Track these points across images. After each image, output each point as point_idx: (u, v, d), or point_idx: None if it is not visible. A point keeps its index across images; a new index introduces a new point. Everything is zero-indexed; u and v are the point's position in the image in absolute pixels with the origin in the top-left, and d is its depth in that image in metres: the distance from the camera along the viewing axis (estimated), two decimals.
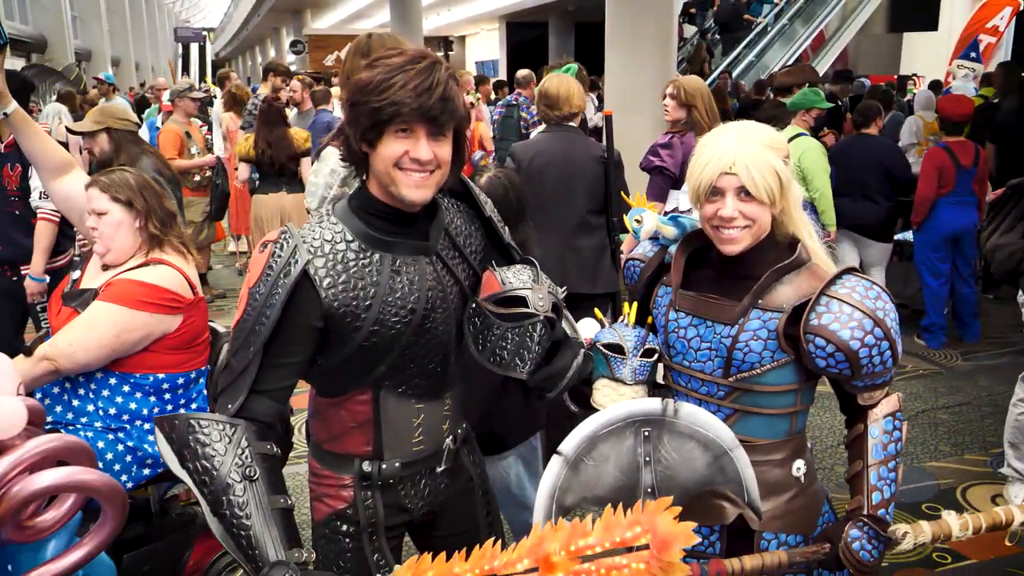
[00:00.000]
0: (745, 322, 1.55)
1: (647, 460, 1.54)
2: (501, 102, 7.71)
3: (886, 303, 1.51)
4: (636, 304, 1.72)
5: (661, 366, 1.70)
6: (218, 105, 8.14)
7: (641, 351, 1.63)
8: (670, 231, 1.72)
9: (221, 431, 1.38)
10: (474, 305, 1.55)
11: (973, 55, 10.15)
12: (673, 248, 1.71)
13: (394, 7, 15.43)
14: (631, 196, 1.96)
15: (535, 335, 1.52)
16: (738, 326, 1.55)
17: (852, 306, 1.49)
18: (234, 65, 46.56)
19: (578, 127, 3.69)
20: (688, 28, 14.53)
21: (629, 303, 1.73)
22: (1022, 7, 11.82)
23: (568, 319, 1.72)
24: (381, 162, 1.42)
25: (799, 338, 1.51)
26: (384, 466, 1.58)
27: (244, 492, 1.34)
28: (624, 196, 2.85)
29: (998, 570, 2.97)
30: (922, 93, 8.05)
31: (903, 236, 5.84)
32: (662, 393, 1.69)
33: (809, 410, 1.67)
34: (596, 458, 1.53)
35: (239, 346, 1.43)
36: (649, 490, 1.54)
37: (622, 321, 1.70)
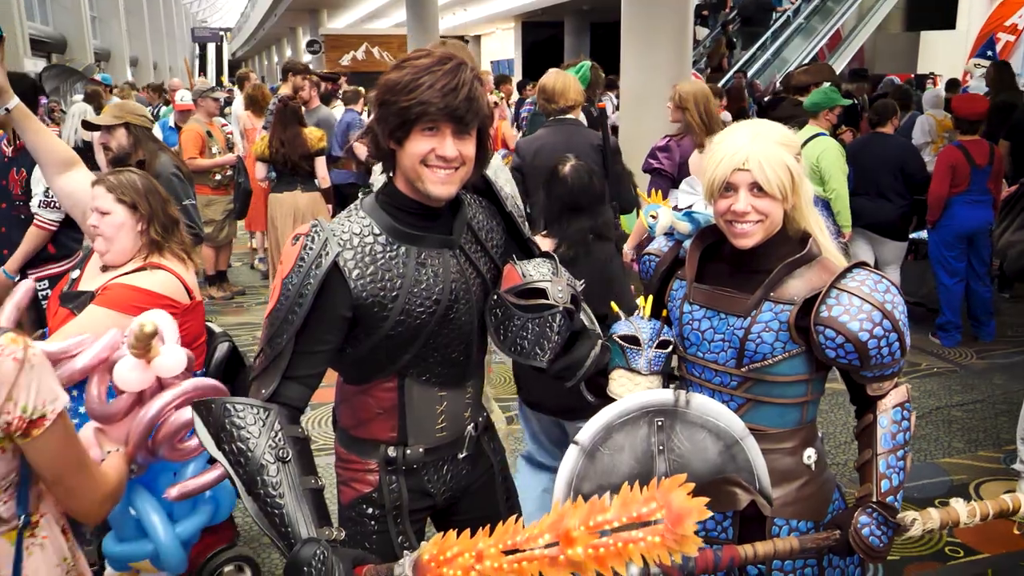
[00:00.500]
0: (757, 314, 1.60)
1: (661, 449, 1.59)
2: (529, 99, 7.84)
3: (895, 296, 1.56)
4: (652, 297, 1.77)
5: (676, 357, 1.75)
6: (237, 104, 8.24)
7: (656, 343, 1.69)
8: (684, 227, 1.78)
9: (255, 415, 1.44)
10: (495, 297, 1.61)
11: (990, 53, 10.09)
12: (688, 243, 1.77)
13: (410, 7, 15.46)
14: (639, 191, 2.02)
15: (555, 325, 1.58)
16: (750, 318, 1.60)
17: (861, 299, 1.53)
18: (251, 64, 46.82)
19: (578, 120, 3.79)
20: (700, 31, 14.49)
21: (644, 297, 1.78)
22: None
23: (586, 311, 1.78)
24: (408, 159, 1.48)
25: (810, 329, 1.56)
26: (408, 451, 1.64)
27: (277, 473, 1.40)
28: (639, 193, 2.93)
29: (1010, 564, 3.00)
30: (930, 91, 8.04)
31: (918, 235, 5.83)
32: (676, 383, 1.74)
33: (822, 406, 1.71)
34: (612, 447, 1.58)
35: (272, 334, 1.49)
36: (663, 478, 1.58)
37: (638, 314, 1.75)
